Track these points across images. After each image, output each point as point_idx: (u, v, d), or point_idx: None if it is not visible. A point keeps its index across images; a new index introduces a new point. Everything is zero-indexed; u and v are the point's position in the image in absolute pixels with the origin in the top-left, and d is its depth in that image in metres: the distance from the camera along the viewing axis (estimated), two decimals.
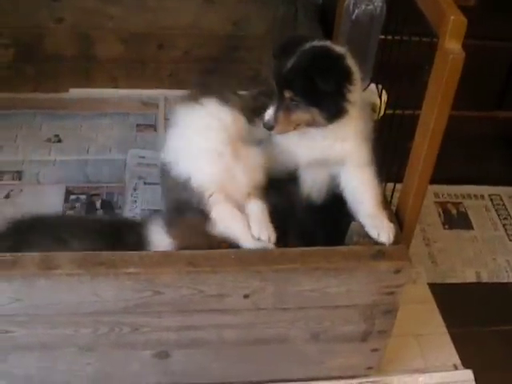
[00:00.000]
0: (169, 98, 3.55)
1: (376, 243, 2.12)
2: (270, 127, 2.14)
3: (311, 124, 2.15)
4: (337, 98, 2.10)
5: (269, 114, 2.13)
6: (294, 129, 2.16)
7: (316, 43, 2.13)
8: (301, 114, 2.12)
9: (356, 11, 2.37)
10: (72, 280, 1.96)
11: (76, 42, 3.41)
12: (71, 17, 3.34)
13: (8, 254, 1.98)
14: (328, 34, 3.07)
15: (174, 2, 3.34)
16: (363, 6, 2.35)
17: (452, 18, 1.84)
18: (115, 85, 3.54)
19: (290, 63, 2.07)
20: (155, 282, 1.98)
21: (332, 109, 2.10)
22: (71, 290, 1.98)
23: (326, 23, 3.19)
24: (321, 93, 2.06)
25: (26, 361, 2.18)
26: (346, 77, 2.10)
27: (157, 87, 3.55)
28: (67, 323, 2.08)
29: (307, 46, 2.11)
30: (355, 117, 2.17)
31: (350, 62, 2.13)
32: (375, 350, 2.31)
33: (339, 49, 2.16)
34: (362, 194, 2.22)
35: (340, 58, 2.11)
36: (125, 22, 3.37)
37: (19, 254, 1.98)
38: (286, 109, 2.12)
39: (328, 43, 2.18)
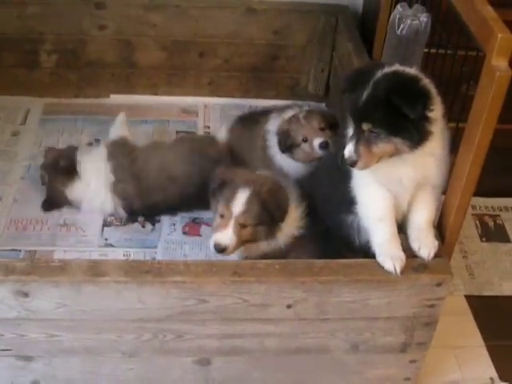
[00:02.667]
0: (208, 106, 3.58)
1: (417, 256, 2.12)
2: (352, 163, 2.03)
3: (394, 154, 2.04)
4: (421, 123, 1.99)
5: (349, 149, 2.02)
6: (377, 162, 2.05)
7: (387, 70, 2.02)
8: (382, 146, 2.01)
9: (402, 26, 2.37)
10: (118, 287, 2.00)
11: (118, 48, 3.46)
12: (114, 24, 3.39)
13: (57, 260, 2.02)
14: (368, 43, 3.11)
15: (216, 11, 3.37)
16: (409, 21, 2.36)
17: (500, 35, 1.85)
18: (155, 91, 3.59)
19: (365, 95, 1.98)
20: (200, 291, 2.01)
21: (416, 134, 1.99)
22: (117, 296, 2.01)
23: (367, 33, 3.22)
24: (403, 120, 1.96)
25: (69, 365, 2.22)
26: (428, 98, 2.00)
27: (197, 95, 3.59)
28: (112, 329, 2.11)
29: (379, 74, 2.00)
30: (437, 135, 2.07)
31: (426, 81, 2.05)
32: (413, 361, 2.32)
33: (410, 70, 2.07)
34: (420, 209, 2.19)
35: (418, 81, 2.03)
36: (167, 30, 3.41)
37: (68, 260, 2.01)
38: (366, 142, 2.00)
39: (397, 66, 2.06)
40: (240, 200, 2.23)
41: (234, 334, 2.15)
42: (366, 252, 2.19)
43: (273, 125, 2.92)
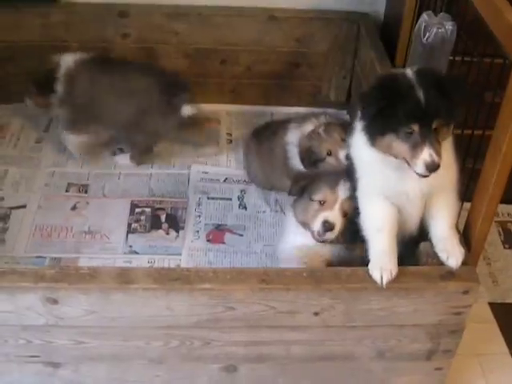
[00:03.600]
0: (230, 113, 3.61)
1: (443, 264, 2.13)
2: (436, 167, 1.96)
3: None
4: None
5: (430, 154, 1.94)
6: None
7: (416, 69, 2.03)
8: (446, 136, 2.03)
9: (427, 34, 2.38)
10: (147, 294, 2.01)
11: (141, 56, 3.46)
12: (137, 32, 3.41)
13: (86, 268, 2.03)
14: (390, 51, 3.12)
15: (238, 18, 3.39)
16: (435, 29, 2.38)
17: None
18: None
19: (422, 96, 1.95)
20: (228, 298, 2.02)
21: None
22: (146, 303, 2.03)
23: (388, 40, 3.22)
24: (454, 106, 1.99)
25: (96, 371, 2.24)
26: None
27: (219, 102, 3.60)
28: (139, 336, 2.13)
29: (412, 76, 2.00)
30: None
31: None
32: (439, 368, 2.32)
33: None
34: (440, 216, 2.19)
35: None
36: (189, 38, 3.43)
37: (97, 267, 2.03)
38: (437, 140, 1.97)
39: (419, 66, 2.09)
40: (345, 187, 2.28)
41: (260, 341, 2.16)
42: None
43: (292, 136, 2.94)
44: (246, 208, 3.07)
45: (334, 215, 2.25)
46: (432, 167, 1.94)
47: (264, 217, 3.02)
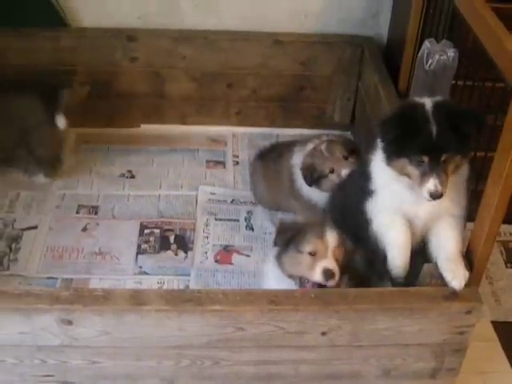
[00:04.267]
0: (236, 135, 3.66)
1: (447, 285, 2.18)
2: (439, 196, 2.11)
3: None
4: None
5: (435, 184, 2.10)
6: None
7: (433, 101, 2.15)
8: (454, 169, 2.17)
9: (430, 61, 2.44)
10: (160, 316, 2.06)
11: (148, 80, 3.54)
12: (145, 56, 3.48)
13: (100, 289, 2.09)
14: (394, 74, 3.18)
15: (244, 43, 3.46)
16: (437, 56, 2.43)
17: None
18: (185, 121, 3.67)
19: (434, 129, 2.08)
20: (238, 319, 2.07)
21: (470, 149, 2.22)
22: (158, 324, 2.08)
23: (392, 64, 3.29)
24: (465, 141, 2.12)
25: None
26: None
27: (225, 124, 3.67)
28: (151, 355, 2.17)
29: (429, 107, 2.12)
30: None
31: None
32: None
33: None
34: (447, 239, 2.26)
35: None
36: (196, 62, 3.50)
37: (111, 289, 2.09)
38: (444, 171, 2.11)
39: (438, 98, 2.20)
40: (333, 235, 2.28)
41: (269, 360, 2.20)
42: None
43: (297, 158, 2.99)
44: (252, 229, 3.12)
45: (331, 262, 2.24)
46: (435, 196, 2.09)
47: (270, 238, 3.02)
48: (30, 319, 2.04)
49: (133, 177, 3.39)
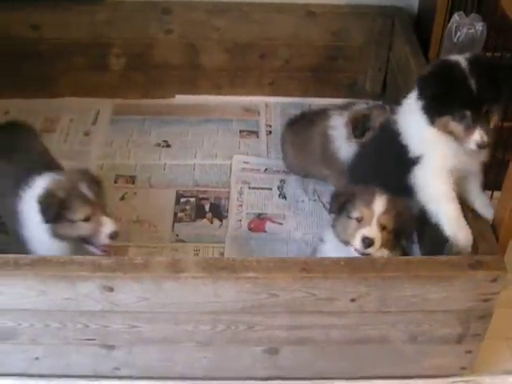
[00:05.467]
0: (269, 105, 3.72)
1: (474, 253, 2.26)
2: (486, 146, 2.27)
3: None
4: None
5: (481, 135, 2.23)
6: None
7: (467, 57, 2.27)
8: (495, 120, 2.29)
9: (458, 34, 2.47)
10: (196, 282, 2.14)
11: (183, 51, 3.62)
12: (179, 28, 3.55)
13: (139, 258, 2.18)
14: (424, 44, 3.22)
15: (277, 14, 3.51)
16: (465, 30, 2.46)
17: None
18: (219, 92, 3.73)
19: (473, 83, 2.21)
20: (271, 286, 2.15)
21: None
22: (195, 291, 2.16)
23: (422, 34, 3.32)
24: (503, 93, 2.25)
25: (148, 353, 2.38)
26: None
27: (258, 94, 3.73)
28: (188, 320, 2.26)
29: (465, 63, 2.25)
30: None
31: None
32: (469, 351, 2.42)
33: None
34: (475, 180, 2.46)
35: None
36: (229, 33, 3.56)
37: (149, 257, 2.17)
38: (487, 121, 2.25)
39: (469, 55, 2.30)
40: (381, 201, 2.33)
41: (301, 325, 2.28)
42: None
43: (335, 121, 3.04)
44: (285, 197, 3.18)
45: (372, 231, 2.30)
46: (482, 146, 2.23)
47: (303, 206, 3.13)
48: (73, 286, 2.14)
49: (168, 146, 3.46)
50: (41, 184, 2.43)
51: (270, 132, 3.57)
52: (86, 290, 2.15)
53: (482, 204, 2.40)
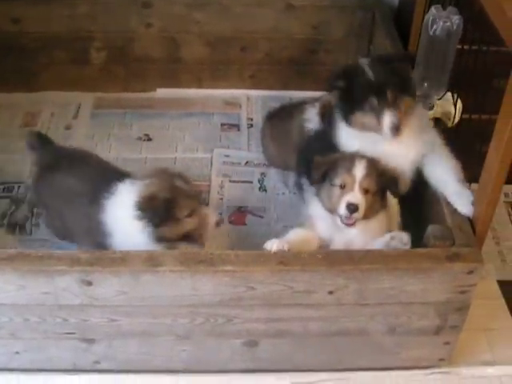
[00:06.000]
0: (251, 98, 3.73)
1: (451, 246, 2.27)
2: (399, 128, 2.41)
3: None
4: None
5: (390, 117, 2.39)
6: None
7: (371, 57, 2.55)
8: (405, 109, 2.44)
9: (434, 27, 2.48)
10: (174, 276, 2.15)
11: (164, 45, 3.62)
12: (160, 22, 3.55)
13: (118, 252, 2.18)
14: (404, 37, 3.24)
15: (257, 8, 3.52)
16: (441, 23, 2.47)
17: None
18: (200, 85, 3.74)
19: (372, 74, 2.41)
20: (249, 279, 2.16)
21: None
22: (173, 284, 2.17)
23: (402, 28, 3.34)
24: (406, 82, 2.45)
25: (127, 346, 2.39)
26: None
27: (239, 87, 3.73)
28: (167, 314, 2.27)
29: (365, 61, 2.47)
30: None
31: None
32: (447, 343, 2.44)
33: None
34: (442, 168, 2.53)
35: None
36: (210, 27, 3.57)
37: (127, 251, 2.17)
38: (396, 107, 2.41)
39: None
40: (361, 166, 2.36)
41: (279, 318, 2.28)
42: None
43: (309, 114, 3.04)
44: (266, 190, 3.18)
45: (355, 196, 2.33)
46: (395, 128, 2.37)
47: (283, 198, 3.14)
48: (52, 280, 2.14)
49: (150, 140, 3.46)
50: (131, 190, 2.43)
51: (252, 125, 3.57)
52: (65, 284, 2.15)
53: (457, 198, 2.42)
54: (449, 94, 2.65)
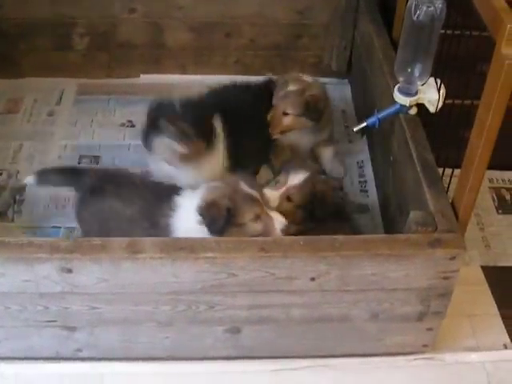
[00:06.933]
0: None
1: (433, 232, 2.25)
2: None
3: None
4: None
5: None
6: None
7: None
8: None
9: (418, 12, 2.47)
10: (155, 263, 2.14)
11: (147, 30, 3.60)
12: (143, 7, 3.53)
13: (97, 239, 2.17)
14: (389, 23, 3.22)
15: None
16: (424, 8, 2.45)
17: (509, 26, 1.93)
18: (184, 71, 3.73)
19: None
20: (230, 266, 2.15)
21: None
22: (153, 271, 2.16)
23: (387, 13, 3.32)
24: None
25: (109, 334, 2.38)
26: None
27: (224, 73, 3.69)
28: (148, 301, 2.26)
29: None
30: None
31: None
32: (430, 329, 2.44)
33: None
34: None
35: None
36: (194, 12, 3.54)
37: (108, 238, 2.16)
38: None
39: None
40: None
41: (261, 304, 2.28)
42: None
43: None
44: None
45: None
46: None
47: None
48: (32, 268, 2.12)
49: (133, 126, 3.45)
50: (192, 198, 2.46)
51: None
52: (45, 272, 2.14)
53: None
54: (432, 79, 2.63)
